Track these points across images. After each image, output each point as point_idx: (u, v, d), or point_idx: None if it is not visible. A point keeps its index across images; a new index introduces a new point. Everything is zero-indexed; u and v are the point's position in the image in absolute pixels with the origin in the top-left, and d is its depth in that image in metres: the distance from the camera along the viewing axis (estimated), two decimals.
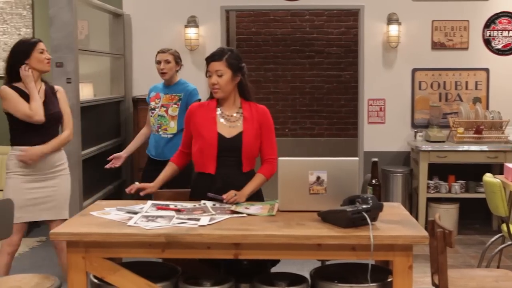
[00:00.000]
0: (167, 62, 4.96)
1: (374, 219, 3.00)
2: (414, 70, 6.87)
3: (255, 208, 3.35)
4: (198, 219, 3.12)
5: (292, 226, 3.02)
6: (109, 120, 6.64)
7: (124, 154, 5.01)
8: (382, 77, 6.89)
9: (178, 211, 3.30)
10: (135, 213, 3.28)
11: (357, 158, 3.38)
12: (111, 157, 4.96)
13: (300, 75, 8.55)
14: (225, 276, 3.28)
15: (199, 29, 6.88)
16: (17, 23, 7.13)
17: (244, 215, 3.23)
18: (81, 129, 5.38)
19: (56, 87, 4.34)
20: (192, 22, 6.86)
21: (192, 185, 3.80)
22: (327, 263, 3.60)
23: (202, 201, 3.51)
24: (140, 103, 6.46)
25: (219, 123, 3.62)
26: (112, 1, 6.81)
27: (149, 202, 3.51)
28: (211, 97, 3.71)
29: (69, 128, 4.26)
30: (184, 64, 6.87)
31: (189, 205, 3.44)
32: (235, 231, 2.95)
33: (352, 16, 8.31)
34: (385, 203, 3.14)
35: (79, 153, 5.32)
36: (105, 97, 6.63)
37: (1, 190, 4.74)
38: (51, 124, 4.18)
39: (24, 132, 4.11)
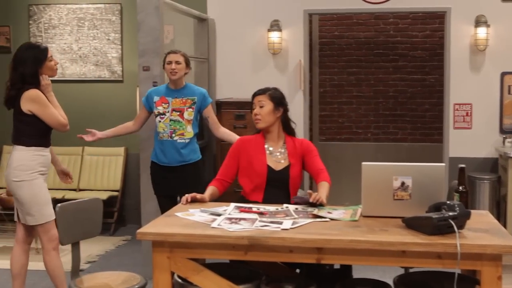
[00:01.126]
0: (178, 63, 4.85)
1: (461, 227, 2.93)
2: (503, 74, 6.64)
3: (338, 213, 3.33)
4: (280, 223, 3.13)
5: (376, 232, 2.98)
6: None
7: (100, 134, 5.04)
8: (469, 81, 6.70)
9: (261, 214, 3.32)
10: (219, 215, 3.32)
11: (443, 164, 3.30)
12: (88, 129, 5.05)
13: (384, 79, 8.43)
14: (307, 280, 3.27)
15: (282, 33, 6.90)
16: (107, 28, 7.37)
17: (327, 219, 3.22)
18: None
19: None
20: (275, 26, 6.89)
21: None
22: (411, 270, 3.54)
23: (285, 205, 3.53)
24: (224, 106, 6.54)
25: (268, 156, 3.86)
26: (197, 6, 6.93)
27: (232, 205, 3.55)
28: (258, 131, 3.94)
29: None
30: (267, 68, 7.02)
31: (271, 208, 3.45)
32: (318, 236, 2.94)
33: (437, 19, 8.12)
34: (472, 211, 3.06)
35: None
36: None
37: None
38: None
39: (44, 136, 4.27)
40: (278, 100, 3.88)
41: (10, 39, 7.57)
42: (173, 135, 4.82)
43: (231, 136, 4.91)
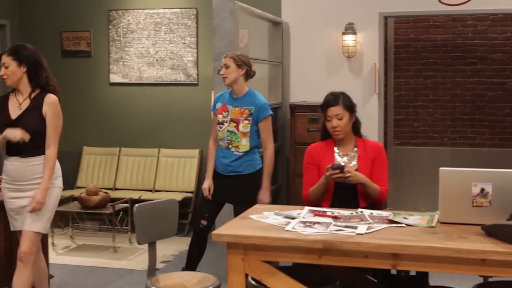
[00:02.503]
0: (227, 66, 4.67)
1: None
2: None
3: (414, 219, 3.27)
4: (355, 227, 3.10)
5: (454, 239, 2.91)
6: None
7: (211, 184, 4.77)
8: None
9: (335, 218, 3.30)
10: (293, 218, 3.32)
11: None
12: (209, 190, 4.75)
13: (461, 82, 8.22)
14: (381, 287, 3.23)
15: (356, 36, 6.84)
16: (183, 32, 7.50)
17: (403, 225, 3.17)
18: None
19: (49, 98, 3.99)
20: (350, 29, 6.84)
21: None
22: (490, 279, 3.44)
23: (359, 209, 3.50)
24: (298, 110, 6.54)
25: (336, 161, 3.82)
26: (272, 10, 6.96)
27: (306, 208, 3.54)
28: (324, 138, 3.92)
29: (53, 144, 3.97)
30: (341, 71, 6.97)
31: (346, 212, 3.43)
32: (394, 241, 2.89)
33: None
34: None
35: None
36: None
37: None
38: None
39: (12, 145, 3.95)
40: (352, 108, 3.85)
41: (90, 43, 7.82)
42: (230, 146, 4.69)
43: (267, 164, 4.72)
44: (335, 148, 3.88)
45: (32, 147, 3.93)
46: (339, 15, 6.93)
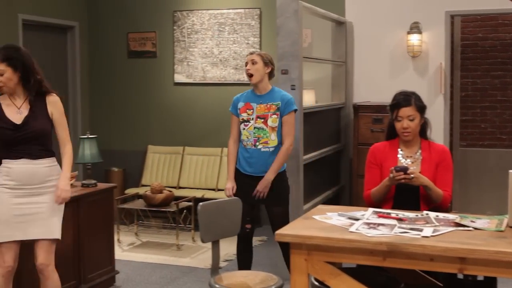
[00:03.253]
0: (254, 62, 4.60)
1: None
2: None
3: (482, 222, 3.20)
4: (421, 230, 3.05)
5: None
6: (329, 126, 6.75)
7: (234, 184, 4.66)
8: None
9: (400, 220, 3.26)
10: (357, 219, 3.29)
11: None
12: (233, 190, 4.63)
13: None
14: None
15: (422, 35, 6.73)
16: (246, 32, 7.54)
17: (470, 228, 3.10)
18: (303, 135, 5.52)
19: (51, 98, 3.93)
20: (415, 28, 6.74)
21: None
22: None
23: (425, 212, 3.44)
24: (361, 110, 6.49)
25: (399, 162, 3.75)
26: (336, 9, 6.92)
27: (370, 209, 3.51)
28: (389, 137, 3.85)
29: (68, 141, 3.96)
30: (406, 71, 6.87)
31: (411, 214, 3.38)
32: (461, 245, 2.83)
33: None
34: None
35: (301, 158, 5.47)
36: (326, 103, 6.75)
37: None
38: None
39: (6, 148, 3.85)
40: (423, 109, 3.77)
41: (156, 44, 7.95)
42: (257, 143, 4.57)
43: (280, 157, 4.57)
44: (399, 149, 3.82)
45: (43, 149, 3.85)
46: (404, 14, 6.84)
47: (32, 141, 3.82)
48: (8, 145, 3.81)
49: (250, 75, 4.65)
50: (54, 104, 3.91)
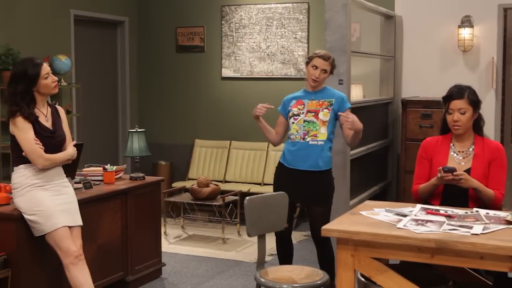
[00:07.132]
0: (324, 72, 4.49)
1: None
2: None
3: None
4: (470, 227, 3.00)
5: None
6: (377, 121, 6.68)
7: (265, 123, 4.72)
8: None
9: (449, 217, 3.20)
10: (405, 215, 3.25)
11: None
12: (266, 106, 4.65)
13: None
14: None
15: (473, 29, 6.60)
16: (294, 27, 7.52)
17: None
18: None
19: (58, 107, 4.16)
20: (467, 22, 6.61)
21: None
22: None
23: (475, 209, 3.38)
24: (410, 105, 6.40)
25: (450, 157, 3.69)
26: (385, 3, 6.84)
27: (418, 206, 3.46)
28: (443, 131, 3.79)
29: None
30: (456, 65, 6.75)
31: (460, 211, 3.32)
32: None
33: None
34: None
35: (348, 153, 5.43)
36: (374, 98, 6.68)
37: None
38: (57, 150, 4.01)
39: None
40: (476, 103, 3.67)
41: (204, 38, 8.00)
42: (306, 136, 4.48)
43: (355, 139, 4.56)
44: (451, 144, 3.75)
45: (60, 151, 4.01)
46: (455, 7, 6.71)
47: (62, 146, 4.04)
48: (45, 151, 3.91)
49: (314, 81, 4.53)
50: (63, 113, 4.15)
